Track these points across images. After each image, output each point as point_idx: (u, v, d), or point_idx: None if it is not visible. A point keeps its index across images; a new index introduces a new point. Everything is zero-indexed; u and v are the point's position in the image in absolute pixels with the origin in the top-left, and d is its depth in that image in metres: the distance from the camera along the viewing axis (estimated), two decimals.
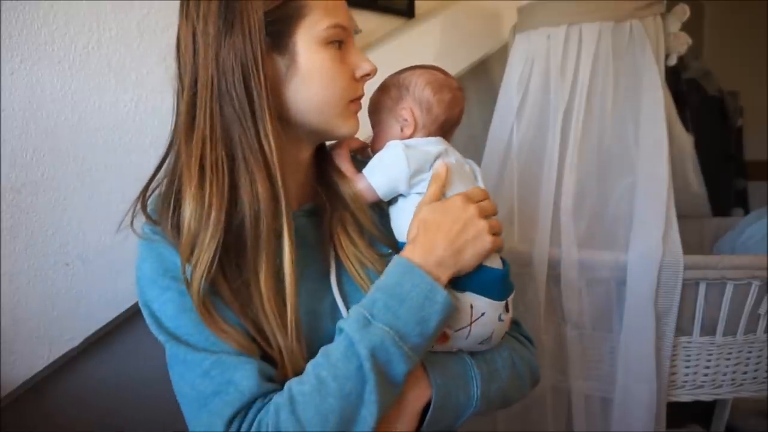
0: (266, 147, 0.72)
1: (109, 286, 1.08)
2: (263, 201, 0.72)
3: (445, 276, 0.74)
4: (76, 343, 1.06)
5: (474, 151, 1.80)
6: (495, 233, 0.79)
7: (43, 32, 0.99)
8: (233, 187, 0.72)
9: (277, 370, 0.72)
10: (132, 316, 1.12)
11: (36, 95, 0.99)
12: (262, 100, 0.72)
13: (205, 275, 0.70)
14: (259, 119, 0.72)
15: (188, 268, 0.71)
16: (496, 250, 0.80)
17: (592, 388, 1.44)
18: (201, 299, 0.70)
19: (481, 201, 0.81)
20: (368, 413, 0.67)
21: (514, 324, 0.92)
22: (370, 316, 0.70)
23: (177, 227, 0.73)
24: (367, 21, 1.64)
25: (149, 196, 0.79)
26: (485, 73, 2.05)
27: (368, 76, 0.82)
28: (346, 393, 0.67)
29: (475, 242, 0.76)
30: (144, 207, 0.78)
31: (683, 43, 1.61)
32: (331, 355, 0.69)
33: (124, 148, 1.09)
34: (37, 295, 1.01)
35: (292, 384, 0.69)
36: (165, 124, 0.79)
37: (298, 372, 0.71)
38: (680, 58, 1.69)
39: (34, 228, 1.00)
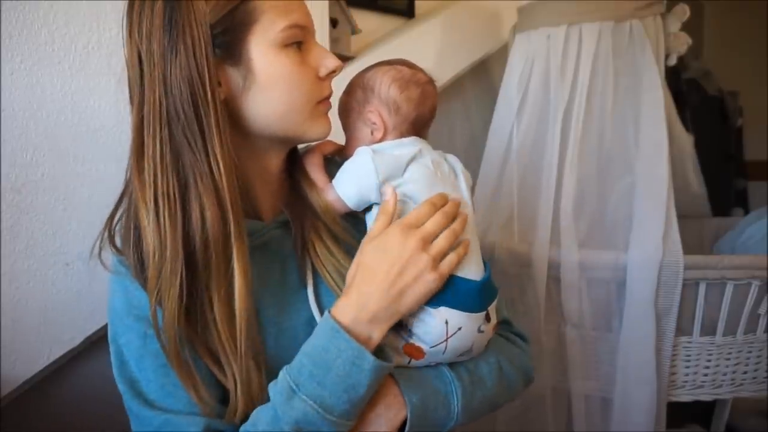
0: (215, 170, 0.69)
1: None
2: (212, 226, 0.69)
3: (379, 331, 0.70)
4: (76, 343, 1.06)
5: (474, 151, 1.80)
6: (444, 256, 0.73)
7: (43, 32, 0.99)
8: (185, 216, 0.69)
9: (230, 403, 0.71)
10: None
11: (36, 95, 0.99)
12: (210, 120, 0.68)
13: (177, 314, 0.68)
14: (208, 141, 0.68)
15: (159, 312, 0.69)
16: (453, 266, 0.73)
17: (592, 388, 1.44)
18: (175, 344, 0.69)
19: (428, 221, 0.73)
20: None
21: (504, 323, 0.90)
22: (295, 386, 0.67)
23: (141, 262, 0.71)
24: (367, 21, 1.64)
25: (116, 225, 0.76)
26: (485, 73, 2.05)
27: (333, 73, 0.78)
28: None
29: (415, 286, 0.70)
30: (111, 238, 0.75)
31: (683, 43, 1.61)
32: (258, 423, 0.68)
33: (124, 148, 1.08)
34: (37, 295, 1.01)
35: None
36: None
37: (254, 399, 0.70)
38: (680, 58, 1.69)
39: (34, 228, 1.00)
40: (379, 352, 0.70)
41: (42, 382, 1.04)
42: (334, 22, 1.52)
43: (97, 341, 1.11)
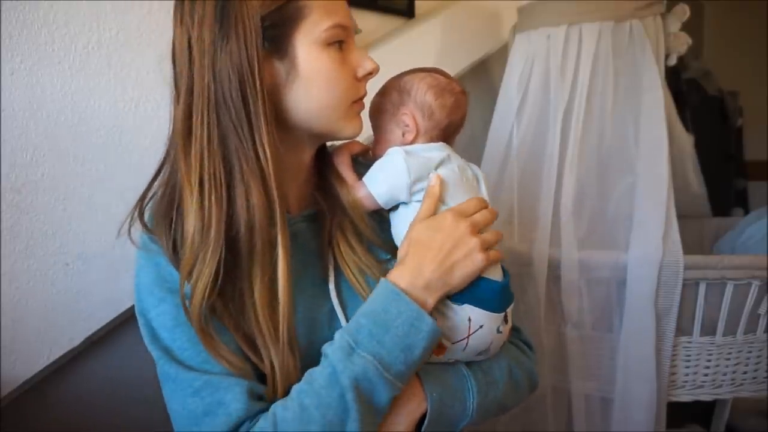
0: (262, 156, 0.71)
1: (109, 286, 1.08)
2: (258, 212, 0.70)
3: (432, 299, 0.73)
4: (76, 343, 1.06)
5: (474, 151, 1.80)
6: (489, 247, 0.77)
7: (43, 32, 0.99)
8: (230, 200, 0.71)
9: (267, 386, 0.71)
10: (132, 316, 1.12)
11: (36, 95, 0.99)
12: (258, 108, 0.70)
13: (207, 294, 0.69)
14: (255, 128, 0.70)
15: (187, 286, 0.70)
16: (497, 261, 0.79)
17: (592, 388, 1.45)
18: (200, 320, 0.69)
19: (476, 213, 0.79)
20: None
21: (514, 330, 0.92)
22: (354, 344, 0.69)
23: (175, 243, 0.73)
24: (367, 21, 1.64)
25: (146, 204, 0.78)
26: (485, 73, 2.05)
27: (370, 75, 0.80)
28: (328, 421, 0.67)
29: (465, 262, 0.75)
30: (141, 216, 0.77)
31: (683, 43, 1.62)
32: (314, 381, 0.69)
33: (124, 148, 1.09)
34: (37, 295, 1.01)
35: (277, 409, 0.69)
36: (165, 124, 0.78)
37: (292, 384, 0.71)
38: (680, 58, 1.70)
39: (34, 228, 1.00)
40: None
41: (42, 383, 1.04)
42: None
43: (97, 341, 1.11)
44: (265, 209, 0.71)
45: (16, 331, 0.98)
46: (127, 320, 1.13)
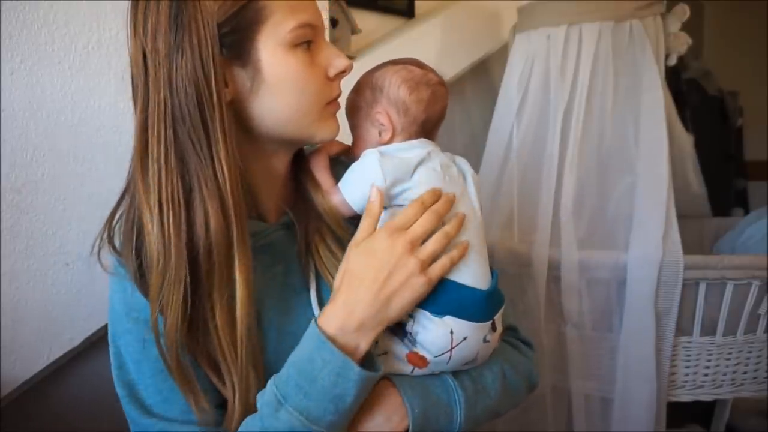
0: (220, 175, 0.67)
1: None
2: (215, 234, 0.67)
3: (366, 340, 0.68)
4: (76, 343, 1.06)
5: (474, 151, 1.80)
6: (434, 260, 0.70)
7: (43, 32, 0.99)
8: (189, 221, 0.67)
9: (227, 412, 0.70)
10: None
11: (36, 95, 0.99)
12: (215, 124, 0.66)
13: (180, 324, 0.67)
14: (213, 145, 0.66)
15: (160, 319, 0.68)
16: (443, 274, 0.71)
17: (592, 388, 1.45)
18: (176, 353, 0.67)
19: (415, 222, 0.71)
20: None
21: (510, 330, 0.89)
22: (282, 398, 0.66)
23: (141, 268, 0.70)
24: (367, 21, 1.64)
25: (116, 224, 0.74)
26: (485, 73, 2.06)
27: (343, 73, 0.75)
28: None
29: (403, 291, 0.68)
30: (110, 238, 0.73)
31: (683, 43, 1.62)
32: None
33: (125, 148, 1.09)
34: (37, 295, 1.01)
35: None
36: None
37: (251, 408, 0.69)
38: (680, 58, 1.70)
39: (34, 228, 1.00)
40: (368, 358, 0.69)
41: (42, 383, 1.04)
42: (334, 22, 1.52)
43: (97, 341, 1.11)
44: (224, 230, 0.67)
45: (16, 331, 0.99)
46: None
